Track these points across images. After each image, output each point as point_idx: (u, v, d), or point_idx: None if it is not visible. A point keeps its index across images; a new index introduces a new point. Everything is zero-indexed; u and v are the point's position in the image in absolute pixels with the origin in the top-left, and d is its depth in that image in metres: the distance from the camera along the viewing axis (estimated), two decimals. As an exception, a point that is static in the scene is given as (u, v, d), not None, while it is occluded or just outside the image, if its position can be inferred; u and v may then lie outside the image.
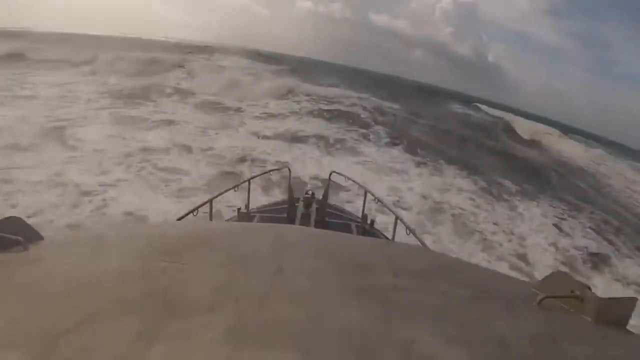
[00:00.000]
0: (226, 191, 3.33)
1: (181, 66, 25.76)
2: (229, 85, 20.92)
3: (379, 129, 17.39)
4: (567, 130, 44.13)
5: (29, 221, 1.09)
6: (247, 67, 30.02)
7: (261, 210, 4.01)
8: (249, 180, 3.70)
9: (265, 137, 13.41)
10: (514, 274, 6.69)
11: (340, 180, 6.08)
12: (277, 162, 10.41)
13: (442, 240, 7.97)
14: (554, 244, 9.14)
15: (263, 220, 3.57)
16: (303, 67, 40.04)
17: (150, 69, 22.79)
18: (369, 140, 15.50)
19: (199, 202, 2.75)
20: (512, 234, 9.12)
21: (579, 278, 1.08)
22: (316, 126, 15.98)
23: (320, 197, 3.74)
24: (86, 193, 7.32)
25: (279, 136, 13.74)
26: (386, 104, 24.42)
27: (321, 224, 3.42)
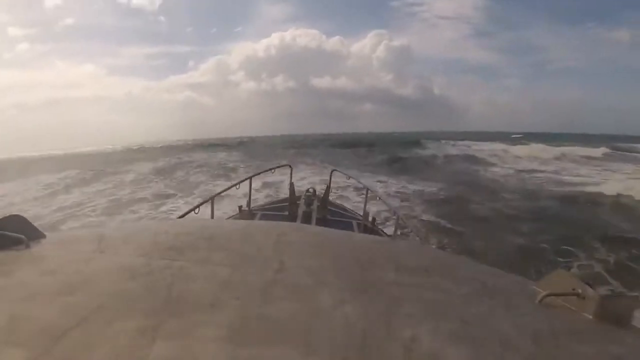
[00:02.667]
0: (227, 189, 3.33)
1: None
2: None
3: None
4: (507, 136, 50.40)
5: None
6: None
7: (263, 208, 4.01)
8: (250, 179, 3.70)
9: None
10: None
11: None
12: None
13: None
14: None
15: (264, 218, 3.57)
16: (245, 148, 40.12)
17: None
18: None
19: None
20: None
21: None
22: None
23: (322, 195, 3.74)
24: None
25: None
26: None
27: (322, 222, 3.42)
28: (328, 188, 3.81)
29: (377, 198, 3.67)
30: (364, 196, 3.99)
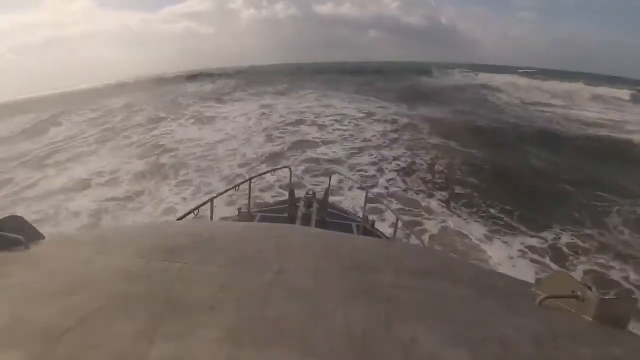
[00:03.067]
0: (226, 191, 3.30)
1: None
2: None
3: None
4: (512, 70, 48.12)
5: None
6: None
7: (262, 209, 4.02)
8: (249, 180, 3.64)
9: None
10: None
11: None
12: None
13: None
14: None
15: (264, 219, 3.58)
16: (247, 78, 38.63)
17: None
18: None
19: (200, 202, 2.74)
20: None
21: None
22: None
23: (321, 197, 3.71)
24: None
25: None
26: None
27: (322, 223, 3.44)
28: (327, 190, 3.79)
29: (376, 199, 3.62)
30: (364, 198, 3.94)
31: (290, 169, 4.55)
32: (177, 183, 9.32)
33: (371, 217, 3.77)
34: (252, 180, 3.67)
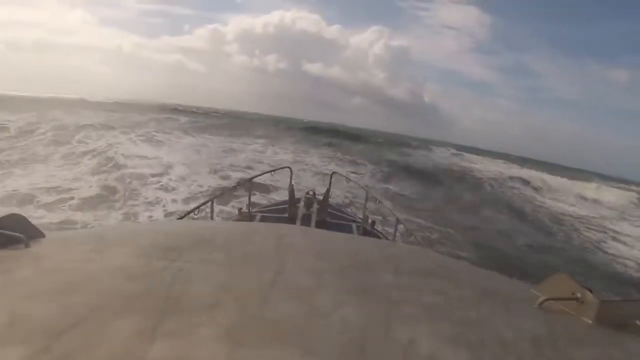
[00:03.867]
0: (226, 191, 3.32)
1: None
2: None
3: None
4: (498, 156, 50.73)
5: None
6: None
7: (262, 210, 4.02)
8: (250, 180, 3.68)
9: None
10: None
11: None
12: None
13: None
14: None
15: (264, 220, 3.58)
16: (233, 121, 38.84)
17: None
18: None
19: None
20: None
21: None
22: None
23: (321, 198, 3.75)
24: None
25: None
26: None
27: (322, 224, 3.44)
28: (328, 191, 3.82)
29: (377, 201, 3.68)
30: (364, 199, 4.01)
31: (290, 169, 4.57)
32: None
33: (371, 218, 3.78)
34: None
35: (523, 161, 48.75)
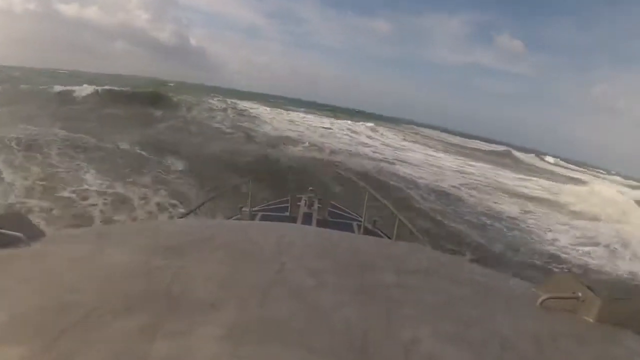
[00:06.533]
0: (226, 189, 3.33)
1: None
2: None
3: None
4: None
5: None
6: None
7: (263, 208, 4.01)
8: (250, 180, 3.69)
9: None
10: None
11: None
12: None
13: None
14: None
15: (265, 218, 3.58)
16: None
17: None
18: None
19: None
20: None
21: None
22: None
23: (323, 196, 3.75)
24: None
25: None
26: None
27: (323, 223, 3.45)
28: (329, 190, 3.82)
29: (376, 198, 3.69)
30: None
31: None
32: None
33: (372, 216, 3.76)
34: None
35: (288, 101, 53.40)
